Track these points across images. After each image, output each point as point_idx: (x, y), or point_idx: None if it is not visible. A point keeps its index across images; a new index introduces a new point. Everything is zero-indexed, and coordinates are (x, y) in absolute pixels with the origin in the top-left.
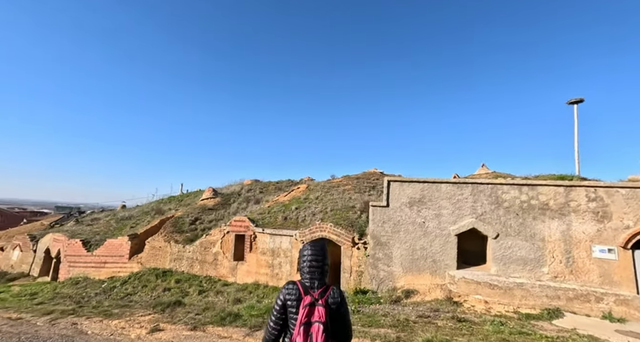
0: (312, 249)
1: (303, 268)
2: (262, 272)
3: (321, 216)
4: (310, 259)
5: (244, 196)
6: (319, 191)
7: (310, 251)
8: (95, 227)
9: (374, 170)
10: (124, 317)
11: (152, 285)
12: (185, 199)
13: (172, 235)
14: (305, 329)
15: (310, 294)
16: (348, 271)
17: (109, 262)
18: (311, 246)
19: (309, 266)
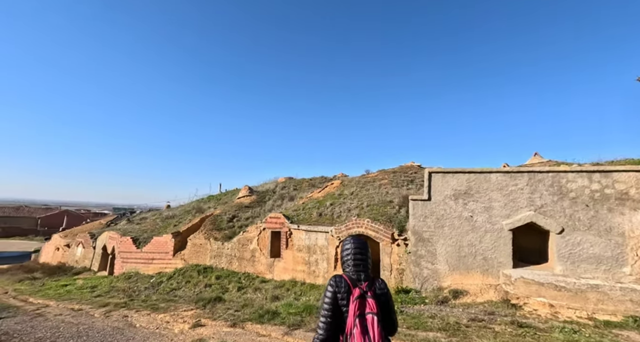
0: (354, 243)
1: (347, 261)
2: (298, 269)
3: (357, 212)
4: (355, 253)
5: (279, 193)
6: (353, 186)
7: (354, 245)
8: (143, 225)
9: (411, 163)
10: (169, 312)
11: (194, 281)
12: (223, 197)
13: (212, 232)
14: (360, 320)
15: (358, 286)
16: (388, 268)
17: (156, 259)
18: (353, 240)
19: (353, 259)
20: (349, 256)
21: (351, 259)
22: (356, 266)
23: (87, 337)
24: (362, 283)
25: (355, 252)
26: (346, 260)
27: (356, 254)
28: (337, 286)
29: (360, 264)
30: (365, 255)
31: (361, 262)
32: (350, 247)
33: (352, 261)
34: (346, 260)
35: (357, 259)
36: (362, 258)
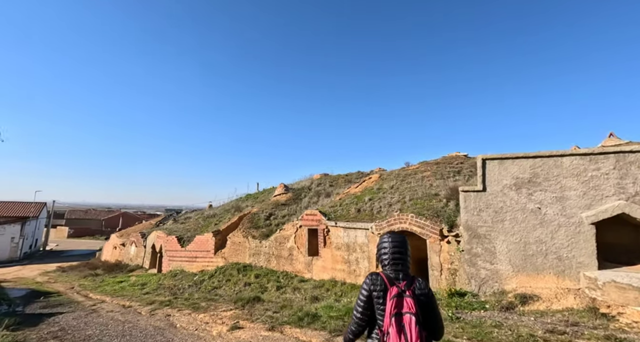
0: (392, 239)
1: (385, 259)
2: (338, 268)
3: (399, 207)
4: (393, 251)
5: (314, 190)
6: (393, 180)
7: (391, 241)
8: (187, 225)
9: (456, 153)
10: (208, 312)
11: (234, 279)
12: (260, 196)
13: (250, 230)
14: (396, 320)
15: (396, 285)
16: (437, 268)
17: (199, 257)
18: (391, 236)
19: (392, 257)
20: (387, 253)
21: (389, 257)
22: (394, 263)
23: (130, 337)
24: (400, 282)
25: (394, 249)
26: (384, 258)
27: (394, 251)
28: (372, 284)
29: (399, 262)
30: (404, 252)
31: (400, 261)
32: (387, 244)
33: (390, 259)
34: (384, 258)
35: (395, 256)
36: (401, 255)
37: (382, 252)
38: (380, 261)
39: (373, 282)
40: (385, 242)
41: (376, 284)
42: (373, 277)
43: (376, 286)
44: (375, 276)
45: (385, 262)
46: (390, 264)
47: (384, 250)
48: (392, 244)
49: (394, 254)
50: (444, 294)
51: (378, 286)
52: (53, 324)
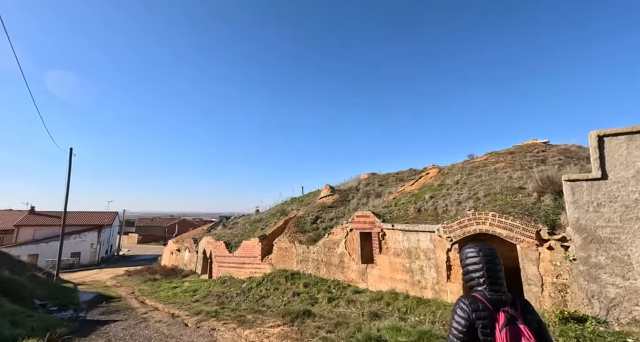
0: (482, 252)
1: (477, 277)
2: (398, 278)
3: (471, 204)
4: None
5: (363, 191)
6: (457, 175)
7: (482, 254)
8: (234, 230)
9: (533, 141)
10: (255, 327)
11: (282, 288)
12: (306, 199)
13: (296, 235)
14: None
15: (501, 310)
16: (537, 282)
17: (247, 263)
18: (478, 247)
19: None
20: (479, 269)
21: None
22: (491, 282)
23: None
24: (505, 306)
25: (488, 264)
26: (476, 275)
27: (490, 268)
28: (473, 311)
29: (497, 280)
30: (499, 265)
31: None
32: (476, 258)
33: (485, 276)
34: (476, 275)
35: (491, 273)
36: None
37: (472, 269)
38: (471, 280)
39: (474, 308)
40: (473, 256)
41: (478, 311)
42: (470, 301)
43: (479, 313)
44: (472, 300)
45: (479, 280)
46: (488, 283)
47: (475, 266)
48: (484, 258)
49: (489, 272)
50: (553, 318)
51: (481, 313)
52: (102, 335)
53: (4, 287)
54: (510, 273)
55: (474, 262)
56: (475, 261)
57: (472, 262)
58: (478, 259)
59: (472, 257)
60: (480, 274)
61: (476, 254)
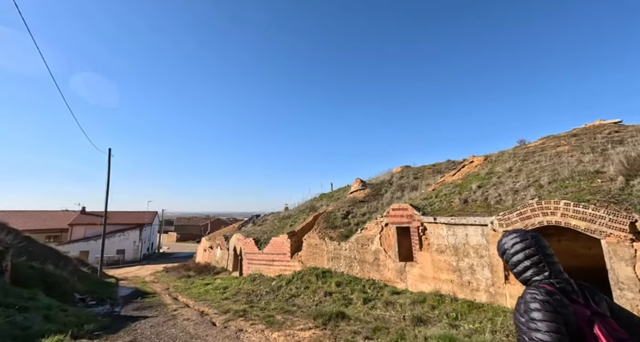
0: (531, 236)
1: (537, 264)
2: (443, 278)
3: (532, 192)
4: (545, 251)
5: (397, 184)
6: (508, 161)
7: (532, 239)
8: (263, 227)
9: (599, 121)
10: (284, 329)
11: (313, 287)
12: (335, 194)
13: (326, 231)
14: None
15: (576, 300)
16: (632, 287)
17: (276, 261)
18: (522, 232)
19: (548, 260)
20: (532, 253)
21: (540, 258)
22: (554, 267)
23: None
24: (578, 295)
25: (544, 248)
26: (529, 263)
27: (547, 252)
28: (558, 305)
29: (557, 263)
30: (551, 250)
31: (557, 263)
32: (525, 241)
33: (543, 260)
34: (529, 263)
35: (550, 259)
36: (553, 254)
37: (523, 257)
38: (525, 270)
39: (557, 303)
40: (520, 241)
41: (562, 306)
42: (547, 293)
43: (564, 308)
44: (546, 291)
45: (538, 268)
46: (551, 270)
47: (527, 252)
48: (535, 241)
49: (547, 257)
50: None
51: (565, 307)
52: (130, 332)
53: (47, 280)
54: (589, 274)
55: (523, 247)
56: (525, 246)
57: (521, 248)
58: (528, 243)
59: (519, 242)
60: (536, 259)
61: (523, 239)
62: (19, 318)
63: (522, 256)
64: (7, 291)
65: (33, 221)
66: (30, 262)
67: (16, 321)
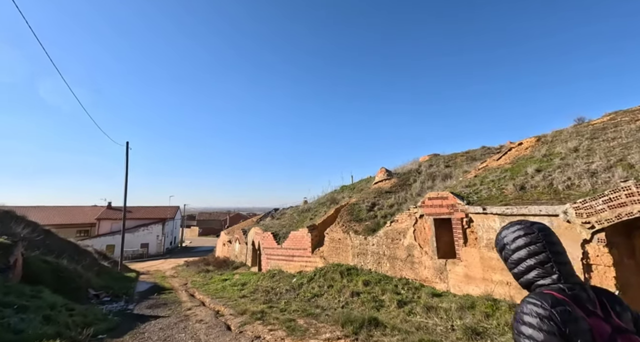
0: (538, 227)
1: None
2: (495, 279)
3: (620, 173)
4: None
5: (426, 173)
6: (571, 140)
7: (539, 229)
8: (282, 220)
9: None
10: (307, 337)
11: (337, 285)
12: (357, 186)
13: (350, 224)
14: None
15: (591, 311)
16: None
17: (296, 256)
18: (526, 223)
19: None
20: (537, 250)
21: (547, 257)
22: (563, 269)
23: None
24: (593, 303)
25: (552, 244)
26: (532, 263)
27: (555, 249)
28: (560, 315)
29: (567, 263)
30: (562, 246)
31: (567, 263)
32: (529, 235)
33: (551, 260)
34: (532, 263)
35: (558, 255)
36: (563, 252)
37: (525, 254)
38: (527, 271)
39: (563, 316)
40: (523, 235)
41: (571, 321)
42: (553, 303)
43: (573, 324)
44: (552, 300)
45: (543, 269)
46: (560, 273)
47: (530, 249)
48: (542, 235)
49: (557, 255)
50: None
51: (576, 322)
52: (137, 336)
53: (60, 275)
54: None
55: (527, 242)
56: (530, 241)
57: (525, 244)
58: (534, 238)
59: (522, 236)
60: (543, 258)
61: (528, 232)
62: (13, 320)
63: (525, 253)
64: (9, 288)
65: (65, 215)
66: (45, 257)
67: (10, 323)
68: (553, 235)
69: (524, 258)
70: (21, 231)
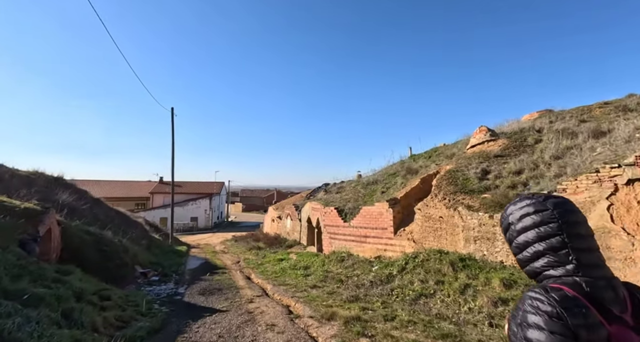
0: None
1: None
2: None
3: None
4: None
5: (552, 130)
6: None
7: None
8: (343, 194)
9: None
10: None
11: (453, 284)
12: (434, 153)
13: (456, 197)
14: None
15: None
16: None
17: (370, 237)
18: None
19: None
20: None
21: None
22: (585, 259)
23: None
24: (624, 306)
25: (568, 221)
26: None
27: (571, 228)
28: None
29: (592, 251)
30: (587, 225)
31: (593, 250)
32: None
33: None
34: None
35: (578, 239)
36: (588, 235)
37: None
38: (535, 258)
39: (569, 313)
40: (533, 212)
41: (575, 318)
42: (561, 300)
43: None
44: (561, 298)
45: (555, 257)
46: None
47: (541, 230)
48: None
49: (576, 239)
50: None
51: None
52: None
53: (103, 249)
54: None
55: (535, 223)
56: (539, 221)
57: (532, 224)
58: (545, 217)
59: (530, 214)
60: (554, 243)
61: (539, 209)
62: (9, 324)
63: (534, 236)
64: (24, 268)
65: (123, 189)
66: (88, 227)
67: (5, 327)
68: (574, 213)
69: (531, 242)
70: (66, 198)
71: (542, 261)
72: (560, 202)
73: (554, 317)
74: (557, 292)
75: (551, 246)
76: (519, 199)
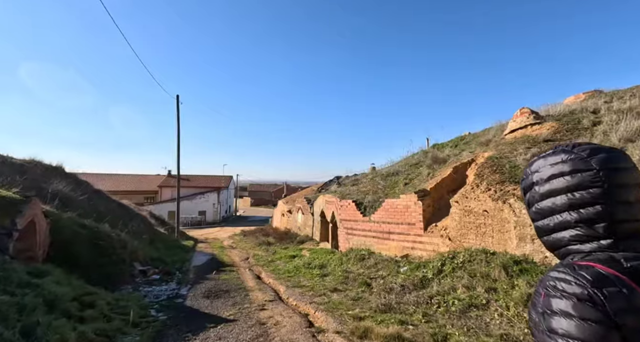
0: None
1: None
2: None
3: None
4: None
5: (612, 110)
6: None
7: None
8: (361, 186)
9: None
10: None
11: (505, 290)
12: (460, 141)
13: (504, 187)
14: None
15: None
16: None
17: (395, 233)
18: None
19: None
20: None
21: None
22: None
23: None
24: None
25: (621, 185)
26: (572, 217)
27: (624, 192)
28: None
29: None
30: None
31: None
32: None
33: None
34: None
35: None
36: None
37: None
38: (562, 227)
39: (606, 294)
40: (572, 171)
41: (616, 300)
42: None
43: (619, 306)
44: (592, 274)
45: (586, 229)
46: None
47: (579, 195)
48: (606, 174)
49: (627, 206)
50: None
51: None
52: None
53: (99, 244)
54: None
55: (569, 186)
56: (575, 184)
57: (565, 187)
58: (586, 179)
59: (565, 175)
60: (591, 214)
61: (577, 168)
62: None
63: (563, 203)
64: None
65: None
66: (83, 220)
67: None
68: (627, 172)
69: (558, 209)
70: (62, 188)
71: (569, 233)
72: (611, 157)
73: (585, 301)
74: (588, 270)
75: (587, 217)
76: (552, 152)
